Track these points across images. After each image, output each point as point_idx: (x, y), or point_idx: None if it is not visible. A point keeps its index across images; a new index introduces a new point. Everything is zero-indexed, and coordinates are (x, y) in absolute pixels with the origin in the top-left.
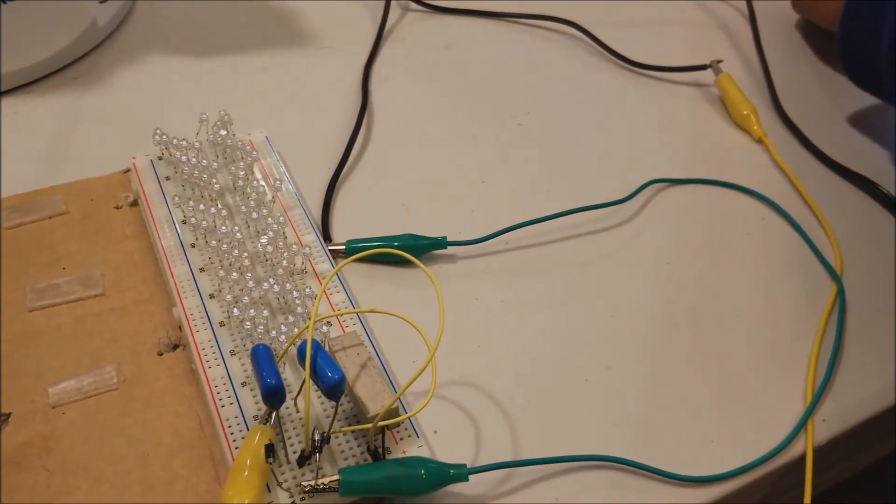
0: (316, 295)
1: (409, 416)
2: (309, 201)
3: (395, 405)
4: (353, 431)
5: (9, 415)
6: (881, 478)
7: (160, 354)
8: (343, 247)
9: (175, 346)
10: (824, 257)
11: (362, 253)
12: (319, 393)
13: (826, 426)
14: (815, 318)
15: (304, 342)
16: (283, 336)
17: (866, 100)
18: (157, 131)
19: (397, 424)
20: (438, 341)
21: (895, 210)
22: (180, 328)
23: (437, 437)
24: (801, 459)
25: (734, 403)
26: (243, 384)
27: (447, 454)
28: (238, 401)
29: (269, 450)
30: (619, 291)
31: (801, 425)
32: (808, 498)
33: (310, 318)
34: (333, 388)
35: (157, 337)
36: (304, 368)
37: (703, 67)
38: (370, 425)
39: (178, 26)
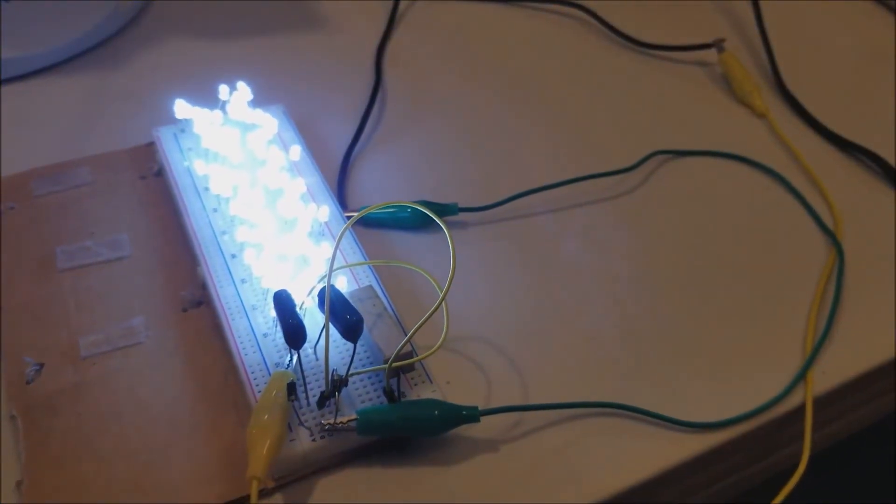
0: (335, 246)
1: (422, 358)
2: (325, 172)
3: (408, 349)
4: (369, 374)
5: (42, 365)
6: (882, 439)
7: (184, 311)
8: (358, 213)
9: (199, 304)
10: (825, 223)
11: (375, 206)
12: (338, 342)
13: (825, 378)
14: (815, 279)
15: (323, 290)
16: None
17: (866, 75)
18: (179, 104)
19: (411, 367)
20: (450, 284)
21: (893, 179)
22: (204, 287)
23: (449, 387)
24: (801, 410)
25: (737, 357)
26: (265, 335)
27: (460, 401)
28: (261, 349)
29: (292, 388)
30: (625, 254)
31: (801, 376)
32: (806, 447)
33: (328, 269)
34: (352, 327)
35: (182, 294)
36: (323, 313)
37: (707, 46)
38: (385, 366)
39: (197, 11)
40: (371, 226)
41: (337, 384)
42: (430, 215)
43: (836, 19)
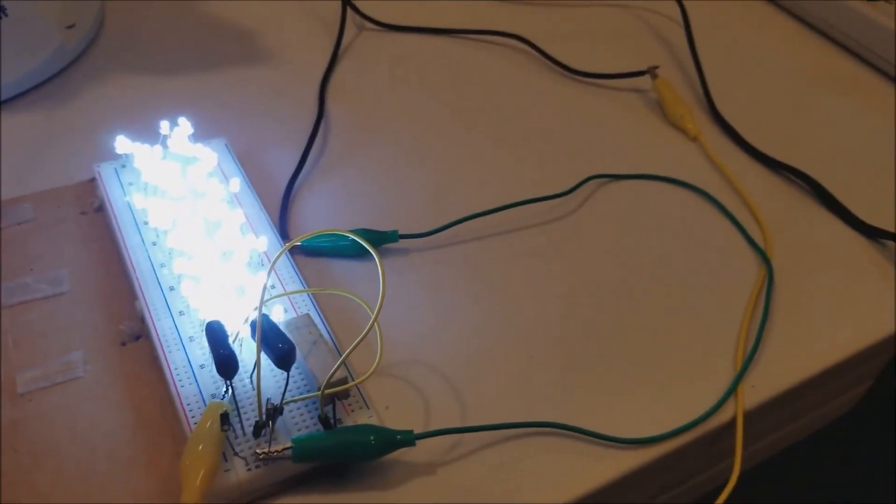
0: (267, 276)
1: (354, 384)
2: (268, 203)
3: (342, 375)
4: (307, 402)
5: None
6: (816, 452)
7: (123, 344)
8: (299, 244)
9: (137, 337)
10: (755, 242)
11: (308, 235)
12: (275, 371)
13: (755, 392)
14: (746, 295)
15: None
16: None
17: (794, 97)
18: (120, 140)
19: (347, 394)
20: (379, 309)
21: (821, 197)
22: (142, 320)
23: (389, 411)
24: (733, 424)
25: (671, 373)
26: (202, 366)
27: (399, 425)
28: (197, 381)
29: (225, 418)
30: (562, 275)
31: (732, 390)
32: (737, 461)
33: (262, 298)
34: (284, 356)
35: (121, 328)
36: (256, 342)
37: (641, 73)
38: (318, 393)
39: (143, 48)
40: (313, 255)
41: (271, 413)
42: (362, 242)
43: (767, 43)
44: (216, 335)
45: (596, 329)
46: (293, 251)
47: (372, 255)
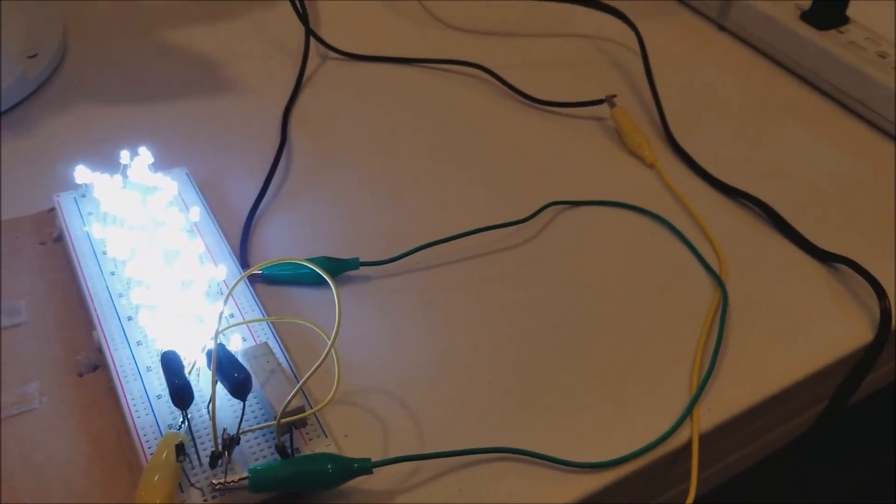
0: (223, 305)
1: (314, 411)
2: (230, 231)
3: (299, 404)
4: (264, 432)
5: None
6: (772, 475)
7: (80, 375)
8: (259, 272)
9: (95, 367)
10: (710, 266)
11: (264, 264)
12: (233, 400)
13: (710, 415)
14: (702, 319)
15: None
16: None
17: (749, 124)
18: (80, 170)
19: (304, 422)
20: (335, 338)
21: (775, 222)
22: (100, 350)
23: (347, 439)
24: (689, 447)
25: (627, 397)
26: (158, 397)
27: (357, 453)
28: (153, 411)
29: (180, 449)
30: (521, 300)
31: (687, 413)
32: (693, 484)
33: (218, 327)
34: (239, 385)
35: (78, 359)
36: (212, 371)
37: (599, 102)
38: (274, 422)
39: (105, 77)
40: (274, 283)
41: (227, 443)
42: (318, 271)
43: (722, 72)
44: (171, 365)
45: (554, 354)
46: (254, 280)
47: (338, 280)
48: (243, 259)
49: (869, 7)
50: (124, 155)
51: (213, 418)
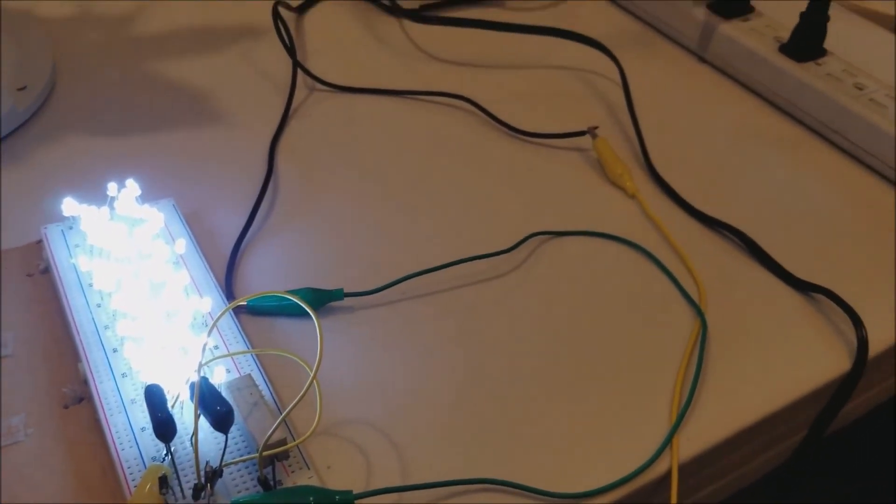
0: (206, 337)
1: (296, 444)
2: (215, 262)
3: (281, 436)
4: (247, 464)
5: None
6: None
7: (66, 407)
8: (244, 303)
9: (80, 399)
10: (690, 296)
11: (246, 297)
12: (217, 433)
13: (690, 444)
14: (681, 349)
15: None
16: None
17: (729, 155)
18: (68, 202)
19: (286, 455)
20: (317, 370)
21: (754, 252)
22: (85, 382)
23: (331, 471)
24: (668, 476)
25: (608, 427)
26: (143, 429)
27: (340, 485)
28: (138, 445)
29: (163, 482)
30: (504, 331)
31: (667, 443)
32: None
33: (202, 360)
34: (222, 418)
35: (64, 391)
36: (194, 404)
37: (581, 133)
38: (256, 455)
39: (94, 109)
40: (259, 314)
41: (210, 475)
42: (301, 304)
43: (701, 103)
44: (154, 399)
45: (536, 384)
46: (239, 310)
47: (324, 310)
48: (228, 290)
49: (845, 39)
50: (112, 187)
51: (195, 451)
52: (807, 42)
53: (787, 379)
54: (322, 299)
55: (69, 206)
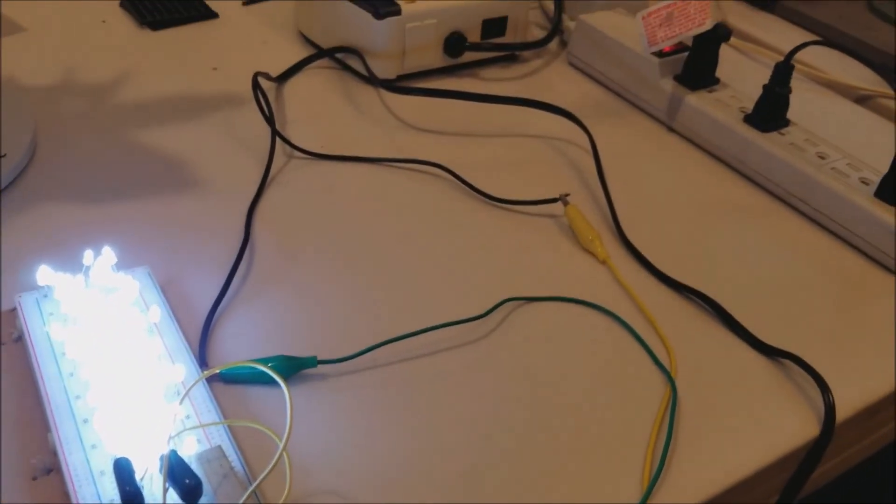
0: (182, 405)
1: None
2: (190, 330)
3: None
4: None
5: None
6: None
7: (34, 479)
8: (218, 371)
9: (49, 471)
10: (660, 361)
11: (225, 364)
12: None
13: None
14: (652, 416)
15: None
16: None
17: (698, 223)
18: (43, 270)
19: None
20: (286, 443)
21: (722, 318)
22: (55, 453)
23: None
24: None
25: (579, 494)
26: (111, 502)
27: None
28: None
29: None
30: (477, 398)
31: None
32: None
33: (172, 432)
34: (190, 491)
35: (32, 462)
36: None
37: (553, 200)
38: None
39: (73, 176)
40: (232, 382)
41: None
42: (272, 375)
43: (671, 171)
44: (123, 472)
45: (508, 450)
46: (212, 379)
47: (297, 378)
48: (202, 358)
49: (807, 109)
50: (87, 255)
51: None
52: (770, 113)
53: (757, 444)
54: (295, 367)
55: (44, 274)
